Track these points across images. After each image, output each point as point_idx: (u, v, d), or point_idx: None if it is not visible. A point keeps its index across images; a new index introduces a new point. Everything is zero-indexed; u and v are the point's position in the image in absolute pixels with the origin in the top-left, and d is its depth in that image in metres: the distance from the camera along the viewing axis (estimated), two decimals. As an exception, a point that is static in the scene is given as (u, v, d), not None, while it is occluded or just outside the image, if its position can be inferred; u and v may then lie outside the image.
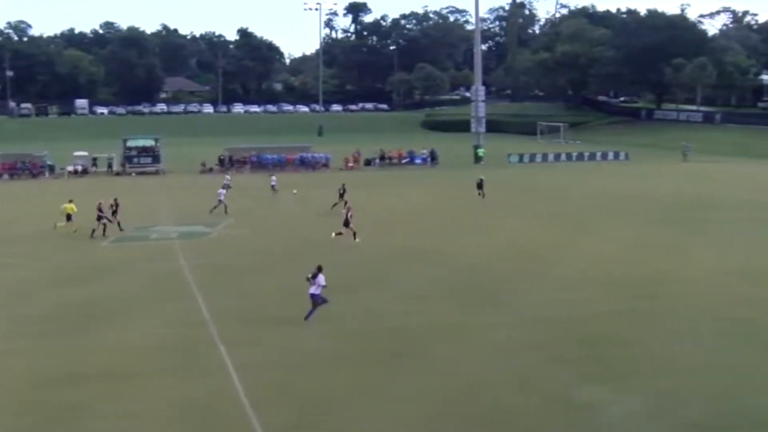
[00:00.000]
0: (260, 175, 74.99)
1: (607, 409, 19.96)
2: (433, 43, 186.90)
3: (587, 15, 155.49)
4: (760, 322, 27.25)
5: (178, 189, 63.97)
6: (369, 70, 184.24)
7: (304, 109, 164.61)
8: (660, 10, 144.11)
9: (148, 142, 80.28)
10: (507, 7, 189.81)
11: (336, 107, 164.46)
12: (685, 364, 23.19)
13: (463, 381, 21.74)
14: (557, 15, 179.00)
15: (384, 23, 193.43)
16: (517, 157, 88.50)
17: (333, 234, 41.18)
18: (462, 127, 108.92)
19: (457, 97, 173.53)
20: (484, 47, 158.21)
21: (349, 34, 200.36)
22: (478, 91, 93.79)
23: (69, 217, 43.55)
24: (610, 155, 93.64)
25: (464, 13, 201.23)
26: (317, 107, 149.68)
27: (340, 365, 23.00)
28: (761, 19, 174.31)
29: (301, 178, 64.85)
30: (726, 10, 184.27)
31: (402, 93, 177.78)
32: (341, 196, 50.41)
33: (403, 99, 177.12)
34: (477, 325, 26.91)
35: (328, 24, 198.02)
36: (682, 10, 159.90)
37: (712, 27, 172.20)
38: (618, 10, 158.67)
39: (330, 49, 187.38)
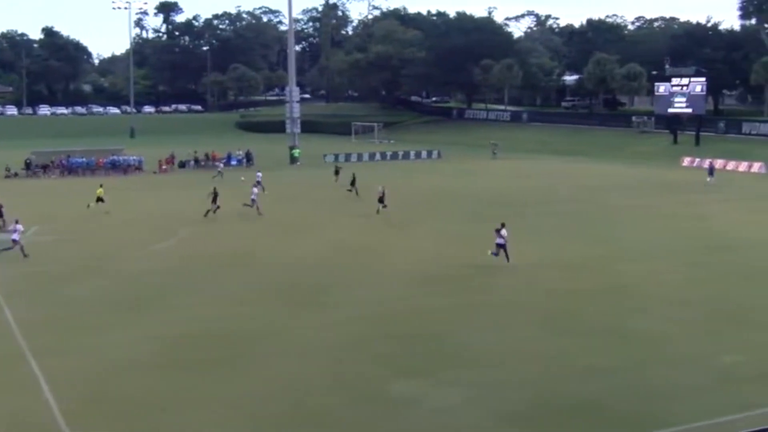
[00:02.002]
0: (70, 180, 72.45)
1: (423, 403, 20.41)
2: (246, 43, 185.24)
3: (399, 17, 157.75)
4: (572, 311, 28.54)
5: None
6: (182, 70, 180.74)
7: (115, 110, 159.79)
8: (468, 12, 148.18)
9: (-54, 147, 76.03)
10: (320, 8, 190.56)
11: (148, 108, 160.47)
12: (500, 354, 24.01)
13: (284, 383, 21.74)
14: (369, 16, 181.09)
15: (196, 23, 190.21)
16: (333, 156, 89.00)
17: (377, 210, 49.31)
18: (277, 127, 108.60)
19: (272, 98, 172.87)
20: (298, 48, 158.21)
21: (160, 34, 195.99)
22: (293, 91, 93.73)
23: (100, 199, 50.34)
24: (424, 154, 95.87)
25: (277, 14, 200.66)
26: (128, 109, 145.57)
27: (158, 372, 22.53)
28: (563, 23, 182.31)
29: (113, 182, 62.90)
30: (530, 13, 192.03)
31: (216, 94, 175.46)
32: (352, 183, 58.52)
33: (218, 100, 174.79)
34: (297, 326, 26.95)
35: (138, 23, 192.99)
36: (489, 13, 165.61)
37: (517, 30, 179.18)
38: (428, 12, 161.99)
39: (141, 49, 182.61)
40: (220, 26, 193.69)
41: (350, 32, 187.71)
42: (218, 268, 35.83)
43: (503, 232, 35.02)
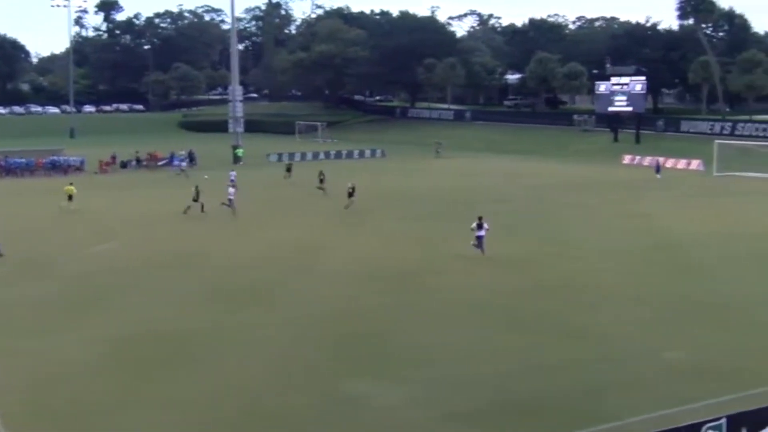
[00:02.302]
0: (9, 181, 71.33)
1: (373, 402, 20.43)
2: (188, 42, 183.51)
3: (342, 16, 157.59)
4: (520, 309, 28.76)
5: None
6: (123, 69, 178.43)
7: (54, 110, 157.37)
8: (411, 12, 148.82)
9: None
10: (263, 7, 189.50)
11: (89, 108, 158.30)
12: (450, 353, 24.10)
13: (229, 384, 21.62)
14: (313, 15, 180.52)
15: (137, 22, 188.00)
16: (277, 156, 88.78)
17: (348, 205, 51.12)
18: (220, 127, 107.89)
19: (215, 97, 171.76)
20: (240, 47, 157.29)
21: (100, 33, 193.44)
22: (235, 91, 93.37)
23: (70, 197, 51.50)
24: (368, 153, 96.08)
25: (220, 13, 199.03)
26: (68, 108, 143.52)
27: (101, 375, 22.28)
28: (505, 22, 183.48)
29: (53, 184, 62.00)
30: (472, 12, 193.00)
31: (158, 93, 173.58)
32: (321, 181, 60.20)
33: (160, 99, 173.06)
34: (243, 326, 26.83)
35: (78, 22, 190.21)
36: (432, 13, 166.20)
37: (460, 29, 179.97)
38: (372, 11, 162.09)
39: (81, 47, 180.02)
40: (162, 25, 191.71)
41: (293, 31, 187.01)
42: (162, 268, 35.51)
43: (485, 224, 36.72)
